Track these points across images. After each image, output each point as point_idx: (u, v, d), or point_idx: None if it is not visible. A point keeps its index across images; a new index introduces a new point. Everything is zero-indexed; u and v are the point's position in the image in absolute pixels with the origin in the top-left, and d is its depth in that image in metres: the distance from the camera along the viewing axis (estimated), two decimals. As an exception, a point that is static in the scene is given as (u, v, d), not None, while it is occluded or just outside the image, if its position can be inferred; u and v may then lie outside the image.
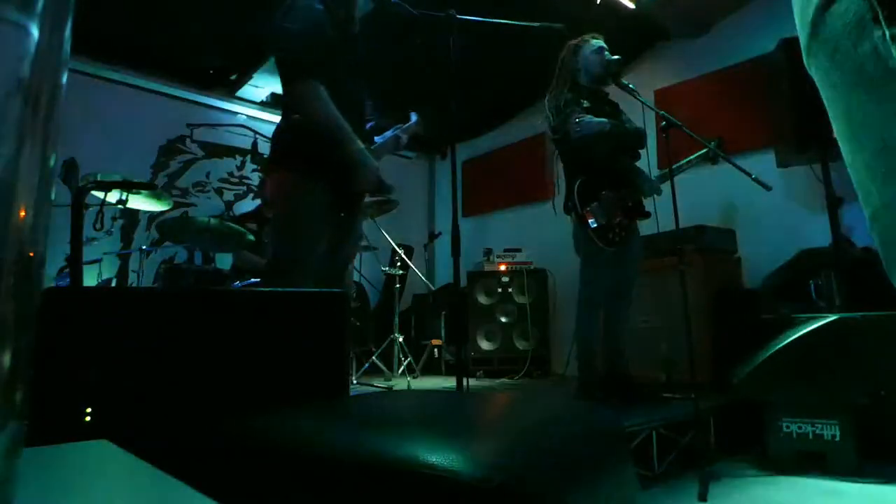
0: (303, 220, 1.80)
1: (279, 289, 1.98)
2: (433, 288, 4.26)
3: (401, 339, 3.78)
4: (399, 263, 3.94)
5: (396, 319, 3.83)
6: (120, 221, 4.10)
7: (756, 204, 3.32)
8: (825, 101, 0.51)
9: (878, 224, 0.47)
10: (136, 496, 0.38)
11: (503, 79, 4.47)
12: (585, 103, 2.68)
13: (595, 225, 2.58)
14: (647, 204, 2.72)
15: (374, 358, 3.75)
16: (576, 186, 2.63)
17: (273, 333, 1.31)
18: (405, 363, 3.75)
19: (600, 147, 2.62)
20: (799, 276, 2.87)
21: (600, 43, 2.75)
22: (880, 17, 0.43)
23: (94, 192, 2.63)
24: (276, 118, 2.28)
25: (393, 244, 3.88)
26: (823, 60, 0.50)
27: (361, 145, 1.84)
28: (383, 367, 3.79)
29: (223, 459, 0.86)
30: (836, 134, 0.51)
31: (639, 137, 2.75)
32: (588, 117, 2.59)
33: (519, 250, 4.48)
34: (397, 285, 4.03)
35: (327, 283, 1.86)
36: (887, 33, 0.43)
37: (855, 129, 0.48)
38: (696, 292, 3.00)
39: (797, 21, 0.53)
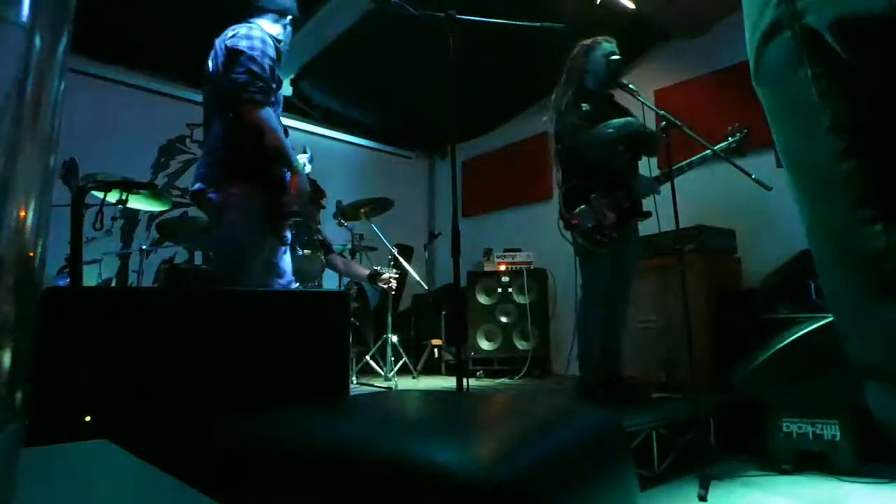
0: (258, 230, 1.99)
1: (279, 289, 1.98)
2: (427, 288, 4.25)
3: (394, 339, 3.77)
4: (392, 263, 3.94)
5: (390, 319, 3.82)
6: (120, 221, 4.10)
7: (756, 204, 3.31)
8: (769, 122, 0.57)
9: (812, 238, 0.54)
10: (136, 496, 0.38)
11: (503, 79, 4.47)
12: (585, 106, 2.67)
13: (584, 227, 2.60)
14: (648, 204, 2.72)
15: (367, 358, 3.74)
16: (562, 191, 2.67)
17: (273, 333, 1.31)
18: (399, 363, 3.74)
19: (596, 151, 2.61)
20: (799, 276, 2.86)
21: (613, 48, 2.72)
22: (805, 57, 0.49)
23: (94, 192, 2.63)
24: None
25: (388, 244, 3.87)
26: (765, 87, 0.57)
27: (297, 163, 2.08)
28: (377, 368, 3.79)
29: (222, 459, 0.86)
30: (778, 152, 0.56)
31: (651, 141, 2.70)
32: (593, 129, 2.58)
33: (519, 250, 4.48)
34: (392, 284, 4.02)
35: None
36: (810, 72, 0.48)
37: (790, 152, 0.54)
38: (696, 292, 3.00)
39: (747, 47, 0.59)
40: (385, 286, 3.60)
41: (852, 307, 0.52)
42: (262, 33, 2.05)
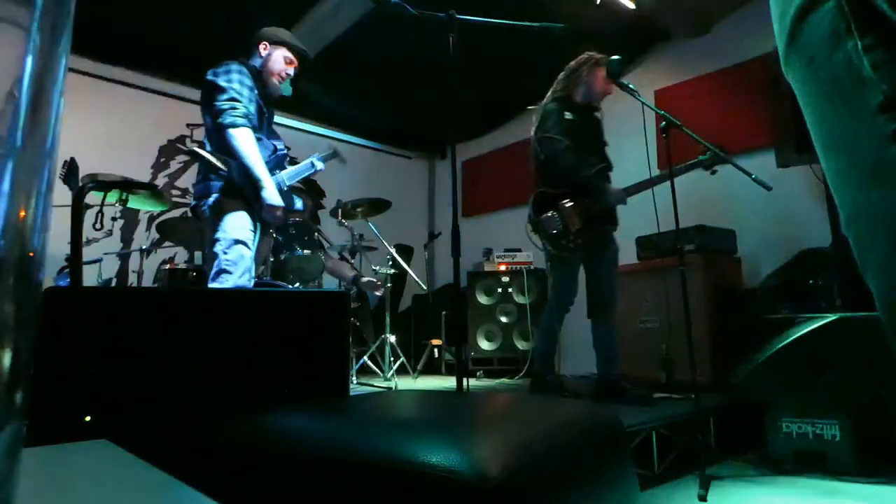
0: (235, 240, 2.21)
1: (280, 289, 1.99)
2: (424, 289, 4.25)
3: (392, 340, 3.77)
4: (391, 263, 3.94)
5: (387, 319, 3.82)
6: (120, 221, 4.10)
7: (756, 204, 3.32)
8: (802, 109, 0.53)
9: (853, 229, 0.49)
10: (136, 496, 0.38)
11: (503, 79, 4.47)
12: (569, 115, 2.77)
13: (550, 232, 2.71)
14: (647, 203, 2.72)
15: (365, 358, 3.74)
16: (533, 197, 2.78)
17: (273, 333, 1.31)
18: (397, 364, 3.74)
19: (567, 161, 2.72)
20: (799, 276, 2.86)
21: (619, 66, 2.77)
22: (853, 28, 0.44)
23: (94, 192, 2.63)
24: (276, 118, 2.39)
25: (386, 245, 3.87)
26: (800, 69, 0.51)
27: (273, 182, 2.28)
28: (375, 368, 3.79)
29: (222, 459, 0.86)
30: (813, 140, 0.52)
31: (597, 192, 2.77)
32: (568, 159, 2.70)
33: (519, 250, 4.48)
34: (389, 284, 4.02)
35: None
36: (860, 44, 0.44)
37: (829, 137, 0.50)
38: (696, 292, 3.00)
39: (776, 29, 0.54)
40: (367, 290, 3.61)
41: None
42: (238, 66, 2.33)
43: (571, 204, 2.71)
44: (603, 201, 2.75)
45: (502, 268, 4.41)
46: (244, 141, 2.21)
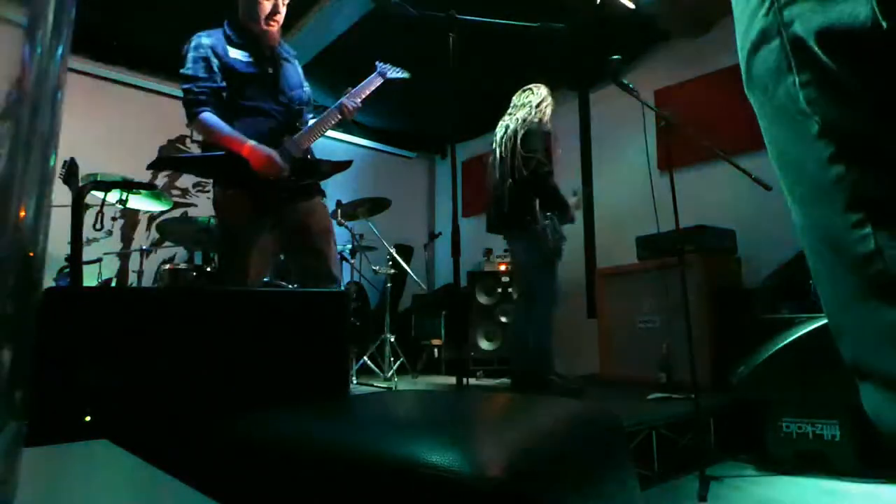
0: (233, 228, 2.05)
1: (280, 289, 1.99)
2: (424, 288, 4.25)
3: (392, 340, 3.77)
4: (391, 263, 3.94)
5: (388, 318, 3.82)
6: (120, 221, 4.10)
7: (756, 204, 3.31)
8: (761, 129, 0.59)
9: (804, 241, 0.56)
10: (136, 496, 0.38)
11: (503, 79, 4.47)
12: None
13: (556, 234, 2.94)
14: (647, 205, 2.72)
15: (365, 358, 3.74)
16: (536, 203, 2.97)
17: (273, 333, 1.32)
18: (396, 364, 3.74)
19: (552, 183, 3.00)
20: (799, 276, 2.86)
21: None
22: (792, 64, 0.51)
23: (94, 192, 2.63)
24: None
25: (386, 244, 3.87)
26: (757, 94, 0.59)
27: (253, 142, 1.98)
28: (374, 368, 3.79)
29: (223, 459, 0.86)
30: (770, 158, 0.59)
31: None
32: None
33: (519, 250, 4.47)
34: (389, 284, 4.02)
35: (315, 279, 2.11)
36: (797, 80, 0.50)
37: (781, 158, 0.57)
38: (696, 292, 3.00)
39: (739, 55, 0.61)
40: None
41: (843, 308, 0.54)
42: (196, 36, 2.12)
43: (554, 215, 2.99)
44: (567, 220, 3.09)
45: (502, 268, 4.41)
46: (203, 127, 2.00)
